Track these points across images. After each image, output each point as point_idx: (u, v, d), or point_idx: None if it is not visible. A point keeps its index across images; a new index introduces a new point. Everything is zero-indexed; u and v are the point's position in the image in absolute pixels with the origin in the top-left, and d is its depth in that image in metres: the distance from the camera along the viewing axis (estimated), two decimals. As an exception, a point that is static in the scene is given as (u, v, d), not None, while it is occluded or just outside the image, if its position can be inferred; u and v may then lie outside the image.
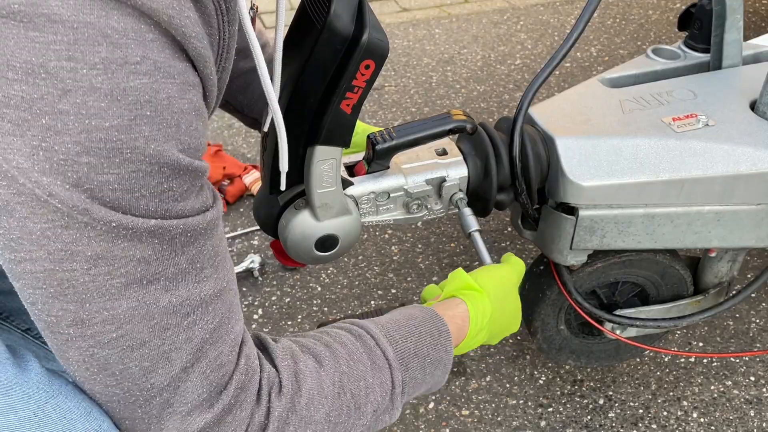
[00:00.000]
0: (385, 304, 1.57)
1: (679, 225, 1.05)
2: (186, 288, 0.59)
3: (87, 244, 0.53)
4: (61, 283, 0.54)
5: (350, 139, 0.88)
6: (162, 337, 0.58)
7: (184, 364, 0.60)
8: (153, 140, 0.52)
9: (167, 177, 0.54)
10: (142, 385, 0.60)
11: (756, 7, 2.75)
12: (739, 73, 1.17)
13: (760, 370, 1.41)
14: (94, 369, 0.59)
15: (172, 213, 0.56)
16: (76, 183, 0.51)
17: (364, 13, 0.79)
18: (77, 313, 0.56)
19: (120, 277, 0.55)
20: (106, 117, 0.50)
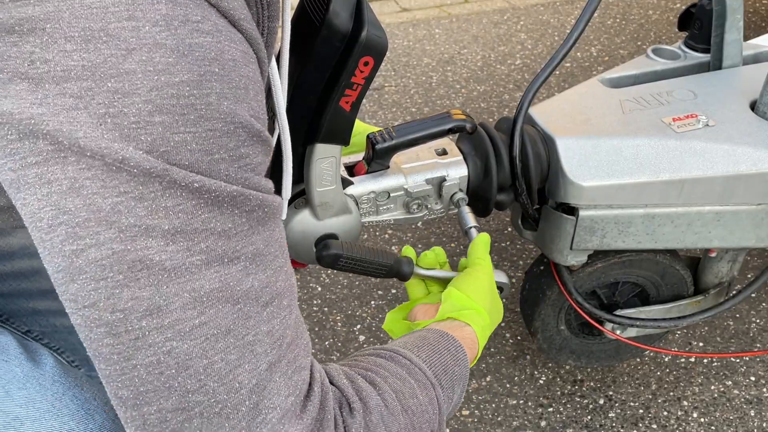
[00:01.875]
0: (385, 304, 1.57)
1: (679, 225, 1.05)
2: (264, 273, 0.54)
3: (164, 216, 0.48)
4: (133, 265, 0.49)
5: (350, 137, 0.88)
6: (246, 325, 0.53)
7: (269, 359, 0.54)
8: (225, 98, 0.49)
9: (243, 141, 0.51)
10: (230, 385, 0.52)
11: (756, 7, 2.75)
12: (739, 73, 1.17)
13: (761, 370, 1.40)
14: (172, 371, 0.51)
15: (250, 183, 0.52)
16: (150, 147, 0.47)
17: (362, 11, 0.79)
18: (152, 300, 0.49)
19: (200, 253, 0.50)
20: (175, 72, 0.47)
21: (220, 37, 0.49)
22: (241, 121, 0.50)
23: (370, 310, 1.55)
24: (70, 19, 0.46)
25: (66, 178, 0.47)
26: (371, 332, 1.50)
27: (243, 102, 0.51)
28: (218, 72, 0.49)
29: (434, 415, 0.68)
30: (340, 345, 1.47)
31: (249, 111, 0.51)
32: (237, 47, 0.51)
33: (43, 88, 0.46)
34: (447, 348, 0.76)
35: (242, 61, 0.51)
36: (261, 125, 0.53)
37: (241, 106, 0.50)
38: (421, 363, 0.71)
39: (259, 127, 0.52)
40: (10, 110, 0.46)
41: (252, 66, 0.53)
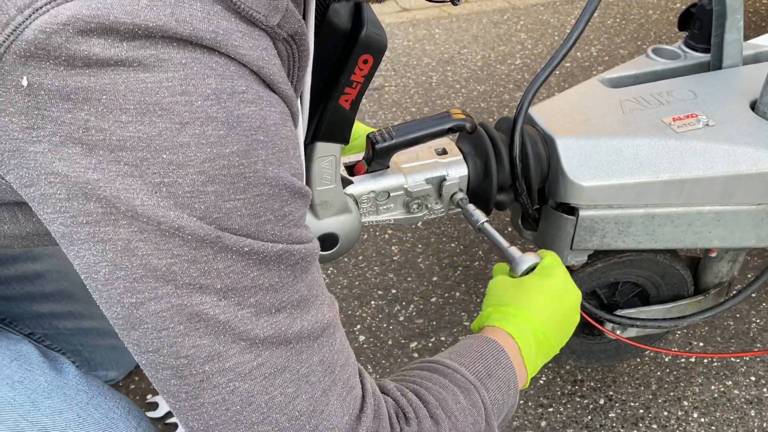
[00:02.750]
0: (385, 304, 1.57)
1: (679, 225, 1.05)
2: (310, 313, 0.58)
3: (216, 277, 0.53)
4: (191, 317, 0.53)
5: (350, 135, 0.89)
6: (299, 360, 0.58)
7: (323, 386, 0.59)
8: (270, 163, 0.53)
9: (286, 200, 0.55)
10: (290, 414, 0.58)
11: (756, 7, 2.75)
12: (739, 73, 1.17)
13: (761, 370, 1.40)
14: (237, 407, 0.56)
15: (294, 237, 0.56)
16: (203, 214, 0.51)
17: (362, 9, 0.79)
18: (213, 347, 0.54)
19: (250, 306, 0.54)
20: (226, 144, 0.51)
21: (262, 104, 0.53)
22: (285, 183, 0.54)
23: (370, 310, 1.55)
24: (125, 92, 0.48)
25: (119, 239, 0.51)
26: (371, 332, 1.50)
27: (285, 163, 0.55)
28: (263, 139, 0.53)
29: (479, 416, 0.71)
30: (340, 345, 1.47)
31: (290, 170, 0.55)
32: (276, 110, 0.55)
33: (97, 154, 0.49)
34: (490, 353, 0.79)
35: (281, 122, 0.55)
36: (301, 181, 0.57)
37: (284, 167, 0.54)
38: (463, 369, 0.74)
39: (300, 184, 0.57)
40: (64, 172, 0.49)
41: (289, 124, 0.57)
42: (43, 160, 0.49)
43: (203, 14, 0.49)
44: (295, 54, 0.59)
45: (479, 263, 1.67)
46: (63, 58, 0.47)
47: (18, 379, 0.69)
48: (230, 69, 0.51)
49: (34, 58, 0.47)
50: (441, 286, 1.61)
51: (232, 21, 0.51)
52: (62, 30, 0.46)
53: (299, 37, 0.58)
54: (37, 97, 0.48)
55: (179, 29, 0.48)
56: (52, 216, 0.52)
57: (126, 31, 0.47)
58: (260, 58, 0.53)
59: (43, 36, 0.46)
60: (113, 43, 0.47)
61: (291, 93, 0.57)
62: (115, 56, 0.47)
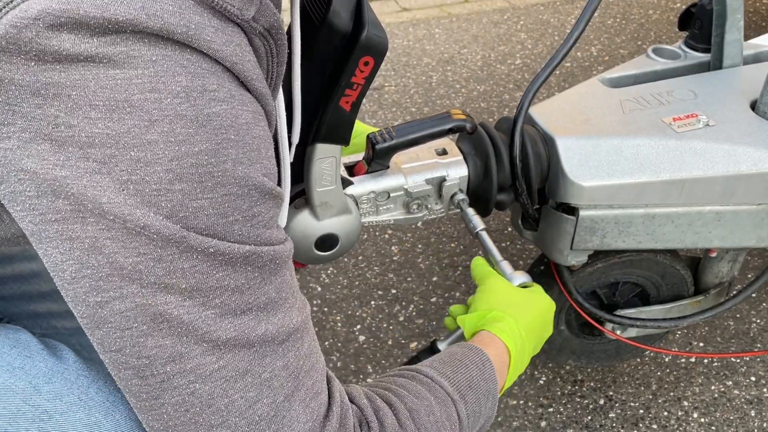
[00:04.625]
0: (385, 304, 1.57)
1: (679, 225, 1.05)
2: (276, 317, 0.58)
3: (181, 276, 0.52)
4: (155, 317, 0.53)
5: (350, 137, 0.88)
6: (262, 364, 0.57)
7: (285, 392, 0.59)
8: (240, 163, 0.53)
9: (256, 201, 0.54)
10: (250, 418, 0.57)
11: (756, 7, 2.75)
12: (739, 73, 1.17)
13: (761, 370, 1.40)
14: (197, 408, 0.56)
15: (262, 239, 0.56)
16: (170, 213, 0.51)
17: (363, 11, 0.79)
18: (174, 348, 0.54)
19: (215, 307, 0.54)
20: (195, 142, 0.50)
21: (233, 103, 0.52)
22: (254, 183, 0.54)
23: (370, 310, 1.55)
24: (95, 88, 0.48)
25: (87, 237, 0.50)
26: (371, 332, 1.50)
27: (256, 163, 0.54)
28: (233, 138, 0.52)
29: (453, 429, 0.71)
30: (340, 345, 1.47)
31: (261, 170, 0.55)
32: (248, 108, 0.54)
33: (66, 151, 0.49)
34: (474, 363, 0.78)
35: (253, 121, 0.54)
36: (272, 181, 0.57)
37: (254, 167, 0.54)
38: (442, 379, 0.73)
39: (271, 185, 0.56)
40: (33, 168, 0.49)
41: (262, 123, 0.56)
42: (12, 156, 0.49)
43: (174, 8, 0.49)
44: (272, 49, 0.59)
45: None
46: (33, 53, 0.46)
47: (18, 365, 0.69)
48: (202, 66, 0.51)
49: (5, 53, 0.47)
50: (441, 286, 1.61)
51: (204, 15, 0.50)
52: (32, 24, 0.46)
53: (275, 30, 0.58)
54: (8, 92, 0.48)
55: (149, 23, 0.48)
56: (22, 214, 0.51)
57: (96, 26, 0.47)
58: (234, 54, 0.52)
59: (14, 31, 0.46)
60: (83, 39, 0.47)
61: (266, 91, 0.57)
62: (85, 52, 0.47)
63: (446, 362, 0.77)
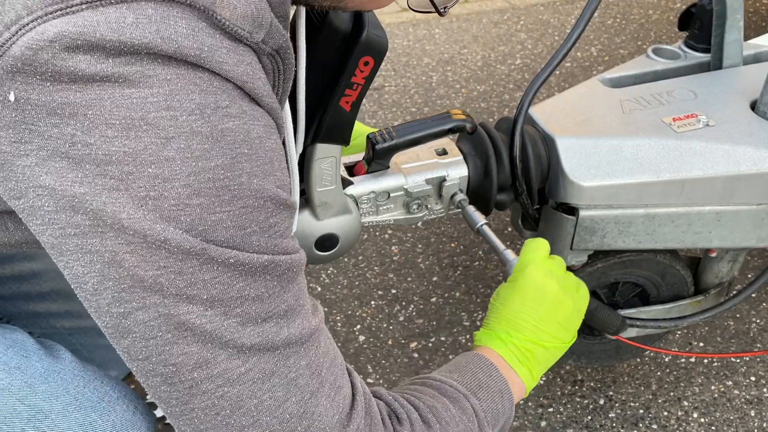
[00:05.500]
0: (385, 304, 1.57)
1: (679, 225, 1.05)
2: (297, 321, 0.59)
3: (203, 288, 0.53)
4: (179, 327, 0.54)
5: (350, 137, 0.89)
6: (287, 365, 0.59)
7: (311, 389, 0.60)
8: (254, 176, 0.54)
9: (272, 212, 0.56)
10: (281, 416, 0.59)
11: (756, 7, 2.75)
12: (739, 73, 1.17)
13: (761, 370, 1.40)
14: (227, 411, 0.57)
15: (279, 248, 0.57)
16: (189, 227, 0.52)
17: (363, 11, 0.79)
18: (200, 354, 0.55)
19: (237, 316, 0.55)
20: (211, 157, 0.52)
21: (245, 118, 0.54)
22: (270, 195, 0.55)
23: (370, 310, 1.55)
24: (111, 107, 0.49)
25: (106, 251, 0.51)
26: (371, 332, 1.50)
27: (270, 175, 0.55)
28: (247, 152, 0.54)
29: (471, 423, 0.73)
30: (340, 345, 1.47)
31: (275, 182, 0.56)
32: (260, 123, 0.55)
33: (83, 168, 0.50)
34: (479, 366, 0.80)
35: (265, 135, 0.56)
36: (286, 193, 0.58)
37: (269, 179, 0.55)
38: (452, 381, 0.76)
39: (285, 196, 0.57)
40: (51, 185, 0.50)
41: (273, 137, 0.57)
42: (30, 173, 0.50)
43: (188, 31, 0.50)
44: (280, 67, 0.60)
45: (479, 263, 1.67)
46: (49, 74, 0.47)
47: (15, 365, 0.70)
48: (214, 84, 0.52)
49: (21, 74, 0.48)
50: (441, 286, 1.61)
51: (216, 37, 0.51)
52: (49, 46, 0.47)
53: (284, 51, 0.59)
54: (24, 112, 0.49)
55: (164, 46, 0.49)
56: (42, 228, 0.52)
57: (112, 48, 0.48)
58: (244, 73, 0.53)
59: (30, 52, 0.47)
60: (99, 59, 0.48)
61: (276, 106, 0.58)
62: (101, 72, 0.48)
63: (452, 369, 0.80)
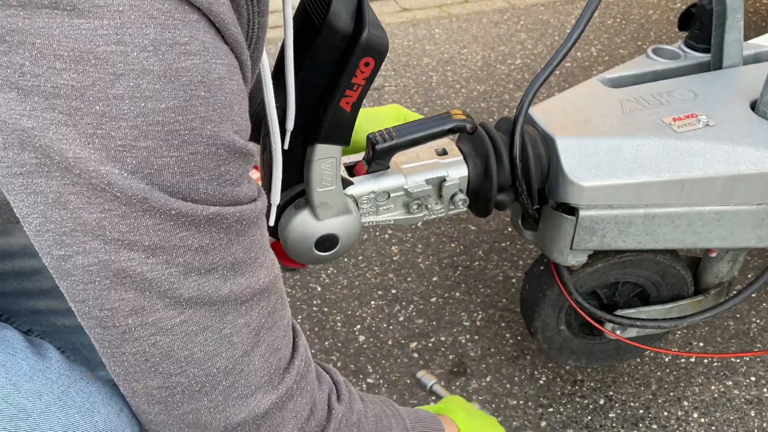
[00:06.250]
0: (385, 304, 1.57)
1: (679, 225, 1.05)
2: (243, 276, 0.58)
3: (145, 233, 0.52)
4: (118, 273, 0.53)
5: (350, 137, 0.88)
6: (223, 321, 0.58)
7: (245, 347, 0.60)
8: (209, 121, 0.52)
9: (224, 159, 0.54)
10: (208, 370, 0.59)
11: (756, 7, 2.75)
12: (739, 73, 1.17)
13: (761, 370, 1.40)
14: (156, 359, 0.57)
15: (228, 198, 0.55)
16: (134, 169, 0.50)
17: (363, 11, 0.79)
18: (137, 301, 0.54)
19: (179, 266, 0.54)
20: (162, 99, 0.49)
21: (207, 57, 0.51)
22: (223, 142, 0.53)
23: (370, 310, 1.55)
24: (59, 37, 0.47)
25: (51, 191, 0.50)
26: (371, 332, 1.50)
27: (226, 120, 0.53)
28: (203, 95, 0.51)
29: None
30: (340, 345, 1.47)
31: (232, 128, 0.54)
32: (222, 62, 0.52)
33: (32, 101, 0.48)
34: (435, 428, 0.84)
35: (227, 75, 0.53)
36: (243, 138, 0.55)
37: (224, 125, 0.53)
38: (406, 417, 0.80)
39: (241, 143, 0.55)
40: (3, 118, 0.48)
41: (236, 77, 0.54)
42: None
43: None
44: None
45: (479, 263, 1.67)
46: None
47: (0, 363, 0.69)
48: (174, 16, 0.49)
49: None
50: (441, 286, 1.61)
51: None
52: None
53: None
54: None
55: None
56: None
57: None
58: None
59: None
60: None
61: (241, 39, 0.55)
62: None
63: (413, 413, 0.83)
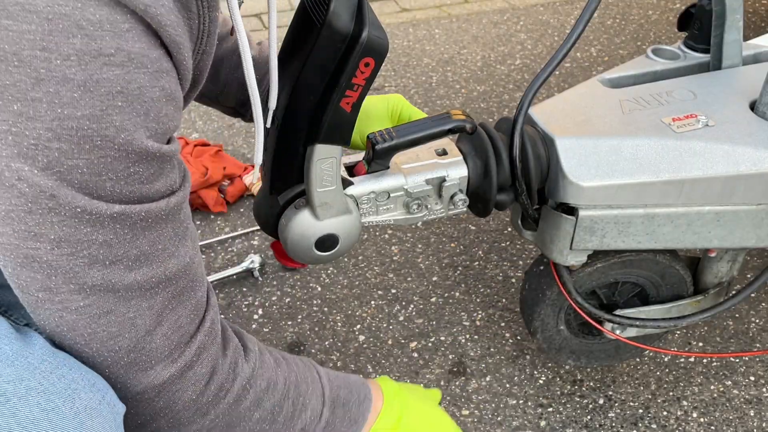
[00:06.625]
0: (385, 304, 1.57)
1: (679, 225, 1.05)
2: (149, 267, 0.62)
3: (50, 228, 0.55)
4: (27, 257, 0.57)
5: (350, 138, 0.89)
6: (127, 306, 0.62)
7: (147, 328, 0.64)
8: (123, 130, 0.54)
9: (134, 162, 0.56)
10: (111, 348, 0.63)
11: (756, 7, 2.75)
12: (739, 74, 1.17)
13: (760, 370, 1.41)
14: (64, 328, 0.62)
15: (136, 195, 0.58)
16: (45, 167, 0.53)
17: (363, 12, 0.79)
18: (44, 282, 0.58)
19: (83, 258, 0.58)
20: (79, 107, 0.52)
21: (129, 68, 0.53)
22: (135, 149, 0.56)
23: (370, 310, 1.55)
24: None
25: None
26: (371, 332, 1.50)
27: (141, 127, 0.56)
28: (120, 105, 0.53)
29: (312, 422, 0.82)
30: (340, 345, 1.47)
31: (146, 133, 0.56)
32: (147, 70, 0.54)
33: None
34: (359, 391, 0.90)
35: (150, 84, 0.55)
36: (160, 142, 0.58)
37: (139, 131, 0.55)
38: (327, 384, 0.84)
39: (155, 147, 0.57)
40: None
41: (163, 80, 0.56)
42: None
43: None
44: None
45: (479, 263, 1.67)
46: None
47: None
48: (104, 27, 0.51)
49: None
50: (441, 286, 1.61)
51: None
52: None
53: None
54: None
55: None
56: None
57: None
58: None
59: None
60: None
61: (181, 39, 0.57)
62: None
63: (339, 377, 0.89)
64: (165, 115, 0.58)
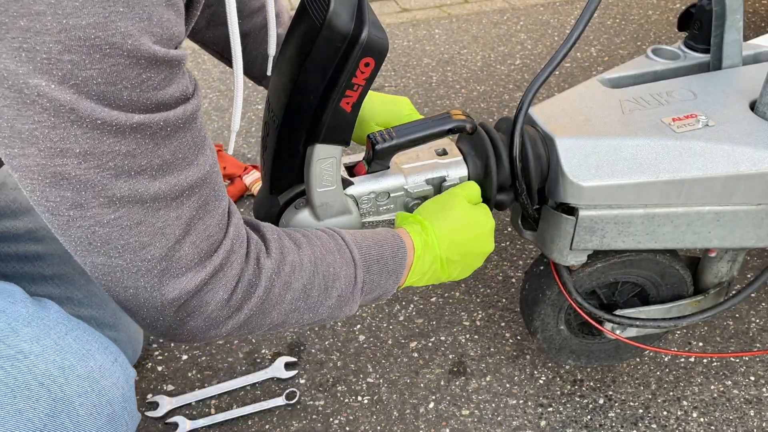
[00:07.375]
0: (385, 304, 1.57)
1: (678, 225, 1.05)
2: (172, 175, 0.64)
3: (75, 142, 0.57)
4: (55, 175, 0.58)
5: (350, 138, 0.89)
6: (156, 216, 0.64)
7: (176, 237, 0.66)
8: (129, 35, 0.56)
9: (145, 68, 0.58)
10: (143, 257, 0.65)
11: (756, 7, 2.75)
12: (739, 74, 1.17)
13: (760, 369, 1.41)
14: (98, 243, 0.64)
15: (153, 103, 0.60)
16: (61, 80, 0.54)
17: (363, 12, 0.79)
18: (75, 199, 0.60)
19: (110, 169, 0.59)
20: (82, 15, 0.53)
21: None
22: (143, 54, 0.57)
23: (370, 309, 1.55)
24: None
25: None
26: (371, 332, 1.50)
27: (146, 33, 0.57)
28: (122, 11, 0.55)
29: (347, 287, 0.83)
30: (340, 345, 1.47)
31: (152, 38, 0.58)
32: None
33: None
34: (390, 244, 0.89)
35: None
36: (166, 47, 0.60)
37: (144, 37, 0.57)
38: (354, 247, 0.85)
39: (162, 52, 0.59)
40: None
41: None
42: None
43: None
44: None
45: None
46: None
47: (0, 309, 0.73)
48: None
49: None
50: (441, 286, 1.61)
51: None
52: None
53: None
54: None
55: None
56: None
57: None
58: None
59: None
60: None
61: None
62: None
63: (367, 236, 0.88)
64: (167, 20, 0.59)
